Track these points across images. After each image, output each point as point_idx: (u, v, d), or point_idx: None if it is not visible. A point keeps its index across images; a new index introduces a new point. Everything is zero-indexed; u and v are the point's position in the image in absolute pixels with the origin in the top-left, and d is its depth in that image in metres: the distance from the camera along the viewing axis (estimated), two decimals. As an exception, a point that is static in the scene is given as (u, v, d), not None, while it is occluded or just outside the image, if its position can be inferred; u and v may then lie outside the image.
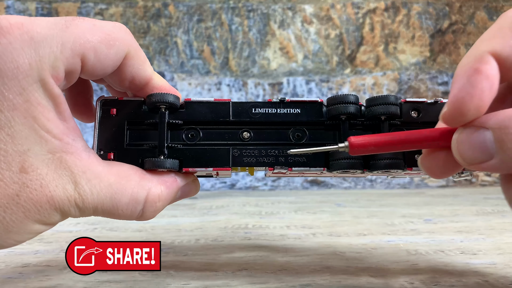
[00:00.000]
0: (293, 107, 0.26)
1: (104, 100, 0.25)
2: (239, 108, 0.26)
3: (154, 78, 0.25)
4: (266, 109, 0.26)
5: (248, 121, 0.26)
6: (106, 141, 0.25)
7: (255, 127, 0.26)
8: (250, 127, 0.26)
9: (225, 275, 0.30)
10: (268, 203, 0.69)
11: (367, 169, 0.25)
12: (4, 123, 0.19)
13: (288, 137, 0.26)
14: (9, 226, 0.19)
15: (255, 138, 0.26)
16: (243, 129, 0.26)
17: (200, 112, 0.26)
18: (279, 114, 0.26)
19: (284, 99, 0.26)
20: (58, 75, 0.20)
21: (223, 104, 0.26)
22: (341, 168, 0.25)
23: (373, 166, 0.25)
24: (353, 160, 0.24)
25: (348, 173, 0.25)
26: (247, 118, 0.26)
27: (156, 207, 0.24)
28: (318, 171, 0.26)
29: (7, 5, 0.96)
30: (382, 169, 0.25)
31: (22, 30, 0.19)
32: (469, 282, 0.28)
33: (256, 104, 0.26)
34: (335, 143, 0.23)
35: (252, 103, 0.26)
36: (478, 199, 0.71)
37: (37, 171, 0.20)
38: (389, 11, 1.02)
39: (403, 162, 0.25)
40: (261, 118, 0.26)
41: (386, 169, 0.25)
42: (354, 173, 0.26)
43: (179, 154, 0.25)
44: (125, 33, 0.23)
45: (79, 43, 0.21)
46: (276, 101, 0.26)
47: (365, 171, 0.25)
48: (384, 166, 0.24)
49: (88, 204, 0.21)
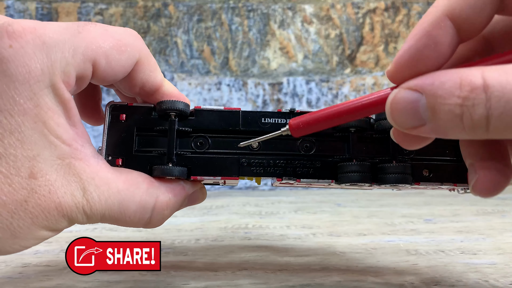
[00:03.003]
0: None
1: (113, 106, 0.25)
2: (249, 117, 0.26)
3: (164, 84, 0.25)
4: (276, 119, 0.26)
5: (257, 131, 0.26)
6: (114, 146, 0.25)
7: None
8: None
9: (225, 275, 0.30)
10: (268, 203, 0.69)
11: (375, 183, 0.25)
12: (14, 128, 0.19)
13: (297, 148, 0.26)
14: (16, 232, 0.19)
15: (264, 148, 0.26)
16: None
17: (210, 120, 0.26)
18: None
19: (294, 109, 0.26)
20: (69, 80, 0.20)
21: (232, 113, 0.26)
22: (349, 181, 0.25)
23: (381, 180, 0.25)
24: (362, 173, 0.24)
25: (356, 186, 0.26)
26: (257, 127, 0.26)
27: (163, 215, 0.24)
28: (326, 183, 0.26)
29: (7, 5, 0.96)
30: (390, 184, 0.25)
31: (35, 34, 0.19)
32: (469, 282, 0.28)
33: (265, 114, 0.26)
34: (283, 131, 0.22)
35: (262, 113, 0.26)
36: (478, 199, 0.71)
37: (46, 177, 0.19)
38: (389, 11, 1.02)
39: (411, 177, 0.25)
40: (271, 128, 0.26)
41: (394, 184, 0.25)
42: (362, 186, 0.26)
43: (188, 162, 0.25)
44: (137, 39, 0.23)
45: (91, 49, 0.21)
46: (286, 111, 0.26)
47: (373, 185, 0.25)
48: (392, 181, 0.24)
49: (96, 211, 0.21)
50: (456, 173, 0.26)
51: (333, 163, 0.26)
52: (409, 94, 0.17)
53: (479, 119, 0.15)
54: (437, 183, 0.25)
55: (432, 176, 0.26)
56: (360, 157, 0.25)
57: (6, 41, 0.19)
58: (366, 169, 0.25)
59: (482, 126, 0.15)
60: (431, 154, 0.26)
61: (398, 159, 0.25)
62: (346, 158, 0.26)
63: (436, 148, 0.26)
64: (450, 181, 0.26)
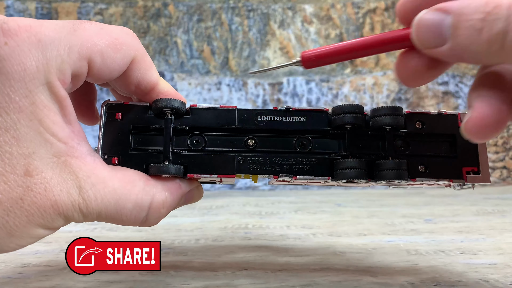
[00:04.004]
0: (298, 115, 0.26)
1: (109, 104, 0.25)
2: (245, 115, 0.26)
3: (160, 83, 0.25)
4: (272, 117, 0.26)
5: (253, 129, 0.26)
6: (110, 145, 0.24)
7: (260, 135, 0.26)
8: (255, 135, 0.26)
9: (225, 275, 0.30)
10: (268, 203, 0.69)
11: (371, 179, 0.25)
12: (10, 125, 0.19)
13: (293, 145, 0.26)
14: (12, 230, 0.19)
15: (260, 146, 0.26)
16: (248, 137, 0.26)
17: (206, 119, 0.26)
18: (284, 122, 0.26)
19: (289, 107, 0.26)
20: (64, 78, 0.20)
21: (228, 111, 0.26)
22: (345, 177, 0.25)
23: (377, 176, 0.25)
24: (358, 169, 0.24)
25: (353, 182, 0.26)
26: (253, 125, 0.26)
27: (160, 214, 0.24)
28: (323, 180, 0.26)
29: (7, 5, 0.96)
30: (386, 180, 0.25)
31: (30, 32, 0.19)
32: (469, 282, 0.28)
33: (261, 112, 0.26)
34: (294, 62, 0.23)
35: (258, 111, 0.26)
36: (478, 199, 0.71)
37: (42, 175, 0.19)
38: (389, 11, 1.02)
39: (407, 173, 0.25)
40: (267, 125, 0.26)
41: (390, 180, 0.25)
42: (358, 183, 0.26)
43: (184, 160, 0.25)
44: (132, 38, 0.23)
45: (86, 47, 0.21)
46: (282, 109, 0.26)
47: (369, 181, 0.25)
48: (389, 177, 0.24)
49: (92, 209, 0.21)
50: (452, 169, 0.26)
51: (329, 160, 0.26)
52: (435, 14, 0.18)
53: (497, 32, 0.17)
54: (433, 179, 0.26)
55: (428, 172, 0.26)
56: (356, 154, 0.26)
57: (1, 39, 0.19)
58: (362, 165, 0.25)
59: (499, 41, 0.17)
60: (427, 151, 0.26)
61: (394, 156, 0.25)
62: (342, 155, 0.26)
63: (431, 144, 0.26)
64: (446, 176, 0.26)
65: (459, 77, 1.01)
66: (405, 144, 0.26)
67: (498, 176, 0.97)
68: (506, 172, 0.97)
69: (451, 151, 0.26)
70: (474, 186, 0.26)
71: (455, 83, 1.01)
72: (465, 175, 0.26)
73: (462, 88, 1.00)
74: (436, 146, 0.26)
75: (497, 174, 0.97)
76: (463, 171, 0.26)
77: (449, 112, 0.26)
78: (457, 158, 0.26)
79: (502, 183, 0.97)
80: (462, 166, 0.26)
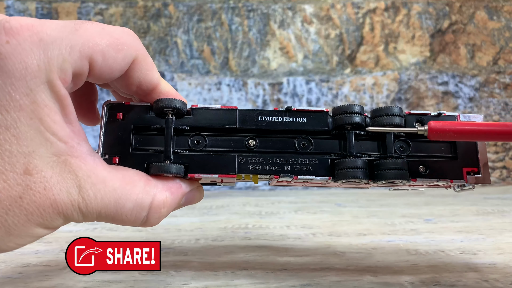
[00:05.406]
0: (299, 116, 0.26)
1: (110, 105, 0.25)
2: (246, 115, 0.26)
3: (161, 83, 0.25)
4: (272, 117, 0.26)
5: (254, 129, 0.26)
6: (111, 145, 0.25)
7: (261, 135, 0.26)
8: (256, 135, 0.26)
9: (225, 275, 0.30)
10: (268, 203, 0.69)
11: (372, 180, 0.25)
12: (10, 123, 0.19)
13: (294, 145, 0.26)
14: (11, 229, 0.19)
15: (261, 146, 0.26)
16: (249, 137, 0.26)
17: (207, 119, 0.26)
18: (285, 122, 0.26)
19: (290, 107, 0.26)
20: (65, 77, 0.20)
21: (229, 111, 0.26)
22: (346, 177, 0.25)
23: (378, 176, 0.25)
24: (359, 169, 0.25)
25: (353, 183, 0.26)
26: (253, 125, 0.26)
27: (161, 214, 0.23)
28: (323, 181, 0.26)
29: (7, 5, 0.96)
30: (387, 179, 0.25)
31: (32, 31, 0.19)
32: (469, 282, 0.28)
33: (262, 112, 0.26)
34: (419, 130, 0.24)
35: (259, 111, 0.26)
36: (478, 199, 0.71)
37: (41, 174, 0.19)
38: (389, 11, 1.02)
39: (408, 173, 0.25)
40: (267, 126, 0.26)
41: (390, 179, 0.25)
42: (358, 183, 0.26)
43: (185, 160, 0.25)
44: (134, 38, 0.24)
45: (88, 46, 0.21)
46: (282, 109, 0.26)
47: (370, 182, 0.25)
48: (390, 177, 0.25)
49: (91, 209, 0.21)
50: (452, 170, 0.26)
51: (330, 160, 0.26)
52: None
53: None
54: (433, 180, 0.26)
55: (428, 172, 0.26)
56: (357, 154, 0.26)
57: (3, 37, 0.19)
58: (363, 165, 0.25)
59: None
60: (427, 151, 0.26)
61: (395, 156, 0.25)
62: (343, 155, 0.26)
63: (431, 145, 0.26)
64: (446, 177, 0.26)
65: (459, 77, 1.01)
66: (405, 145, 0.26)
67: (498, 176, 0.97)
68: (506, 172, 0.97)
69: (451, 152, 0.26)
70: (474, 187, 0.26)
71: (455, 83, 1.01)
72: (465, 176, 0.26)
73: (462, 88, 1.00)
74: (436, 147, 0.26)
75: (497, 174, 0.97)
76: (464, 172, 0.26)
77: (448, 113, 0.27)
78: (457, 159, 0.26)
79: (502, 183, 0.97)
80: (463, 166, 0.26)
